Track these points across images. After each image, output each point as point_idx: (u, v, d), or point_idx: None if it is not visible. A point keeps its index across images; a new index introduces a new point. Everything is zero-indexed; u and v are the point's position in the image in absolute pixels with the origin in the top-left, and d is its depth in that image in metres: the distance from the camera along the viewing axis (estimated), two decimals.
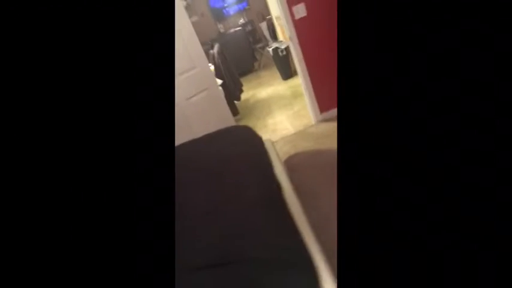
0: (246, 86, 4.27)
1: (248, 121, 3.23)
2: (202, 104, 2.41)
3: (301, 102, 3.00)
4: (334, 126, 2.36)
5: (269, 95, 3.76)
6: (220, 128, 1.67)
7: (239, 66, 4.69)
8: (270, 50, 4.02)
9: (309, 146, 2.25)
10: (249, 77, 4.98)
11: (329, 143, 2.16)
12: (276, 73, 4.26)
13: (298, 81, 3.03)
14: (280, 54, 3.80)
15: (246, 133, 1.54)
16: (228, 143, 1.46)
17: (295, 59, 2.29)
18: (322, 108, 2.48)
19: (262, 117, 3.19)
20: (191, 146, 1.59)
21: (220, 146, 1.45)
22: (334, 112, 2.50)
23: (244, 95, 3.88)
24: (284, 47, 3.75)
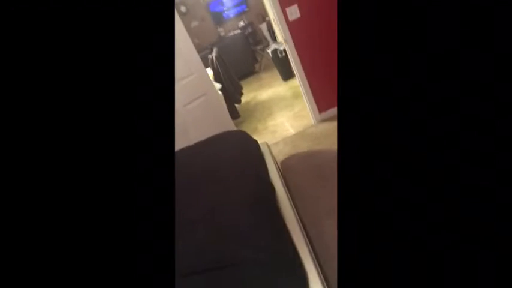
0: (247, 89, 4.28)
1: (249, 124, 3.25)
2: (201, 110, 2.42)
3: (302, 102, 3.00)
4: (333, 126, 2.36)
5: (270, 97, 3.77)
6: (215, 134, 1.69)
7: (239, 69, 4.70)
8: (269, 51, 4.02)
9: (309, 147, 2.25)
10: (250, 79, 4.99)
11: (329, 143, 2.16)
12: (277, 74, 4.26)
13: (297, 82, 3.03)
14: (279, 55, 3.80)
15: (240, 138, 1.55)
16: (221, 148, 1.47)
17: (291, 61, 2.29)
18: (321, 108, 2.48)
19: (263, 119, 3.19)
20: (185, 153, 1.60)
21: (214, 151, 1.46)
22: (332, 111, 2.50)
23: (245, 97, 3.89)
24: (283, 48, 3.74)
